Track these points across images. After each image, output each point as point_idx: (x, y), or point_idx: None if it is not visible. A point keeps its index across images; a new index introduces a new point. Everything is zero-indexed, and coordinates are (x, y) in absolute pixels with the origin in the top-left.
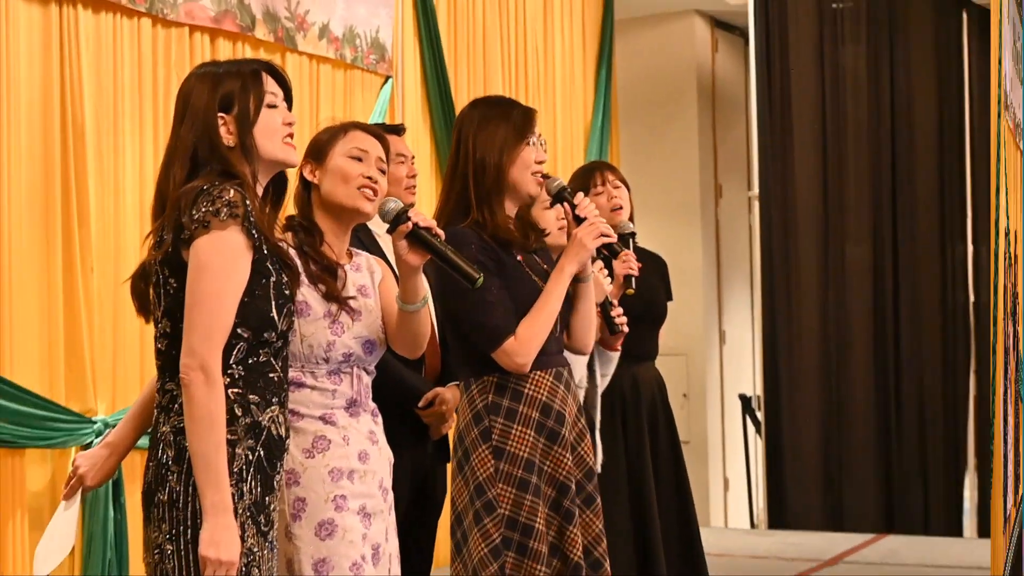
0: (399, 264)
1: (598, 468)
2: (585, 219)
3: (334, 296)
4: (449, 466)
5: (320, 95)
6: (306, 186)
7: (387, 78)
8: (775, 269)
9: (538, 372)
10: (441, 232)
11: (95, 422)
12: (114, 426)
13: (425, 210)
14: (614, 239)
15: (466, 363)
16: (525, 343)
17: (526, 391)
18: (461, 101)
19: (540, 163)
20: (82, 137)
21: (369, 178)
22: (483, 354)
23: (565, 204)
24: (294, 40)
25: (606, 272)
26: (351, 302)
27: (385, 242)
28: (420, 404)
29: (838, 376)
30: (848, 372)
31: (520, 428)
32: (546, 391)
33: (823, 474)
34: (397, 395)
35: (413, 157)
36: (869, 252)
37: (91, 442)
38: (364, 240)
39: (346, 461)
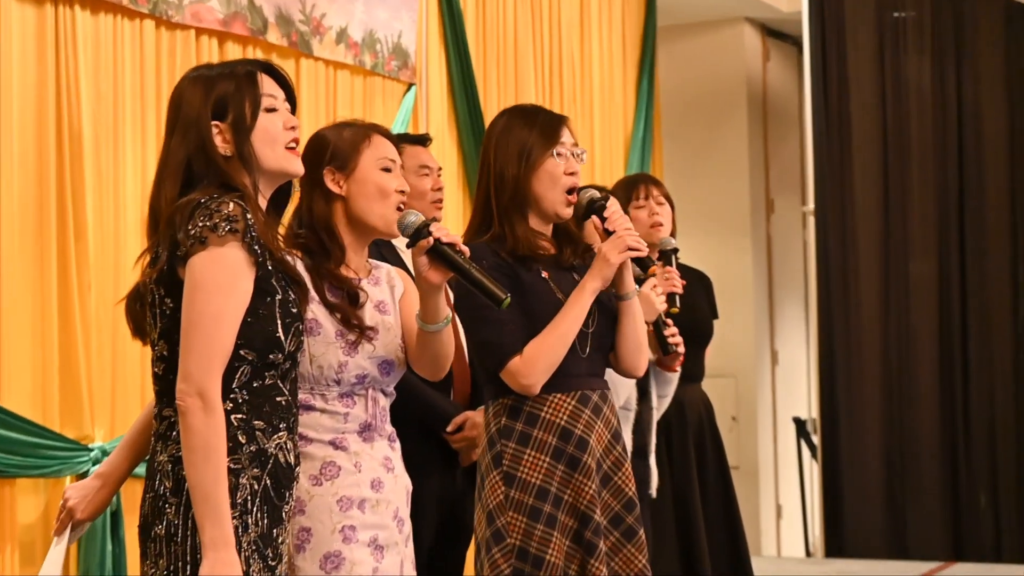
0: (419, 282)
1: (654, 493)
2: (613, 232)
3: (355, 326)
4: None
5: (337, 104)
6: (326, 196)
7: (410, 86)
8: (832, 286)
9: (558, 395)
10: (465, 248)
11: (92, 450)
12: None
13: (451, 227)
14: (643, 252)
15: (486, 384)
16: (531, 363)
17: (543, 415)
18: (490, 111)
19: (571, 174)
20: (79, 146)
21: (402, 192)
22: (494, 374)
23: (594, 217)
24: (309, 45)
25: (659, 290)
26: (368, 330)
27: (408, 256)
28: (448, 429)
29: (901, 397)
30: (912, 393)
31: (533, 453)
32: (566, 415)
33: (885, 499)
34: (425, 419)
35: (440, 169)
36: (935, 268)
37: (87, 471)
38: (387, 256)
39: (357, 489)
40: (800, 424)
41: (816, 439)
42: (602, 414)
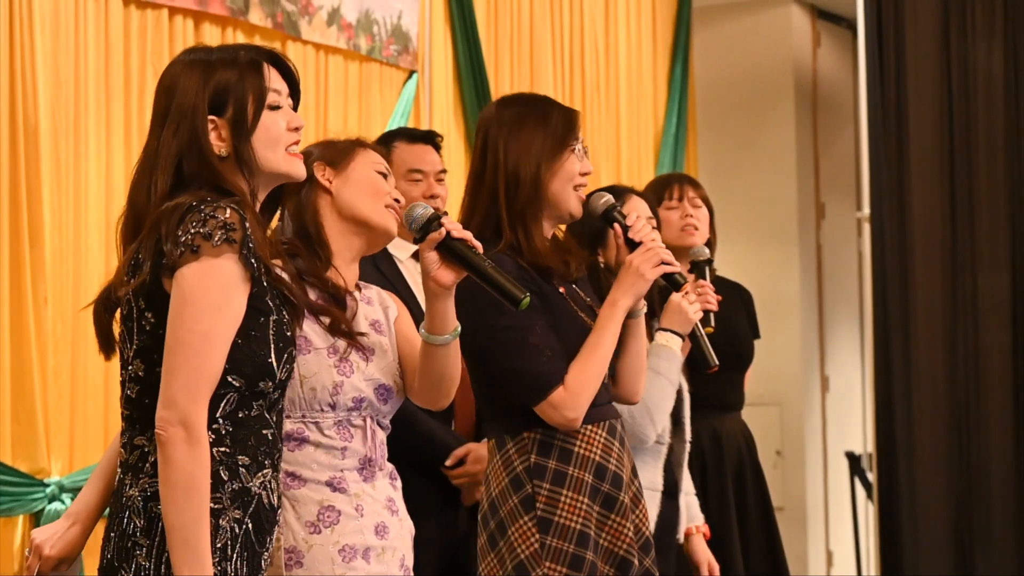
0: (426, 283)
1: (681, 538)
2: (640, 243)
3: (342, 330)
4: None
5: (329, 93)
6: (313, 189)
7: (411, 73)
8: (890, 302)
9: (589, 427)
10: (479, 244)
11: (48, 485)
12: (71, 490)
13: None
14: (677, 268)
15: (499, 417)
16: (576, 394)
17: (576, 449)
18: None
19: (584, 175)
20: (35, 140)
21: (397, 201)
22: (522, 407)
23: (616, 226)
24: (297, 27)
25: (692, 297)
26: (362, 339)
27: (408, 269)
28: (448, 462)
29: (970, 429)
30: (983, 424)
31: (571, 494)
32: (600, 449)
33: (952, 545)
34: (422, 451)
35: (442, 172)
36: (1007, 281)
37: (43, 509)
38: (384, 269)
39: (360, 536)
40: (854, 459)
41: (872, 476)
42: (625, 445)
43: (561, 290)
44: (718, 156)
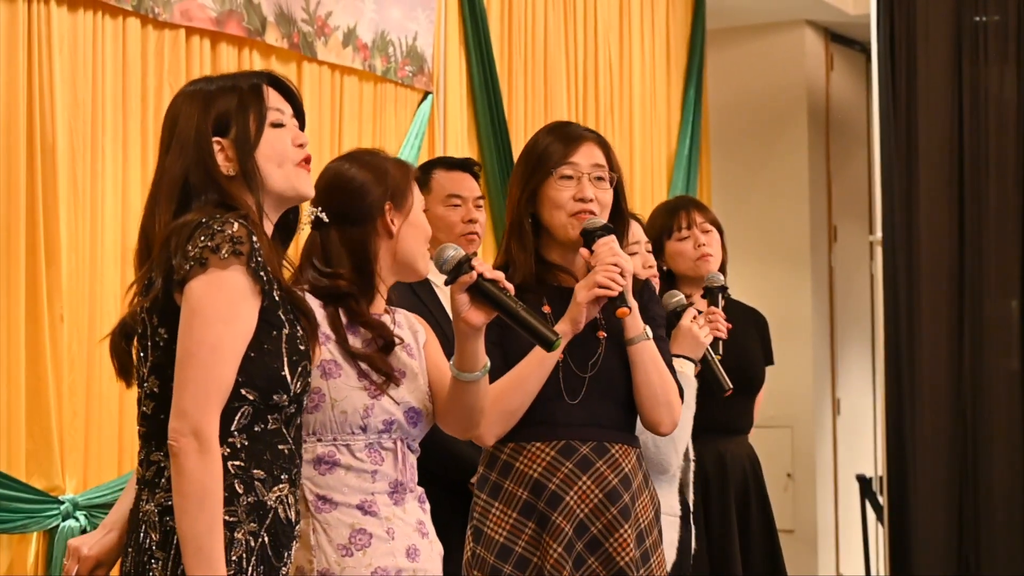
0: (457, 324)
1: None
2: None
3: (381, 370)
4: None
5: (344, 113)
6: (382, 233)
7: (426, 94)
8: (901, 326)
9: (536, 444)
10: (510, 285)
11: (62, 502)
12: (85, 507)
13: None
14: (614, 292)
15: None
16: None
17: (517, 465)
18: (515, 123)
19: (581, 200)
20: (53, 158)
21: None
22: None
23: (583, 250)
24: (313, 47)
25: (701, 321)
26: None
27: (445, 294)
28: (473, 480)
29: (978, 453)
30: (989, 449)
31: (500, 507)
32: (541, 467)
33: (961, 568)
34: (446, 470)
35: (480, 198)
36: (1016, 306)
37: (57, 526)
38: (422, 295)
39: (391, 559)
40: (864, 482)
41: (883, 499)
42: (592, 469)
43: (546, 308)
44: (731, 179)
